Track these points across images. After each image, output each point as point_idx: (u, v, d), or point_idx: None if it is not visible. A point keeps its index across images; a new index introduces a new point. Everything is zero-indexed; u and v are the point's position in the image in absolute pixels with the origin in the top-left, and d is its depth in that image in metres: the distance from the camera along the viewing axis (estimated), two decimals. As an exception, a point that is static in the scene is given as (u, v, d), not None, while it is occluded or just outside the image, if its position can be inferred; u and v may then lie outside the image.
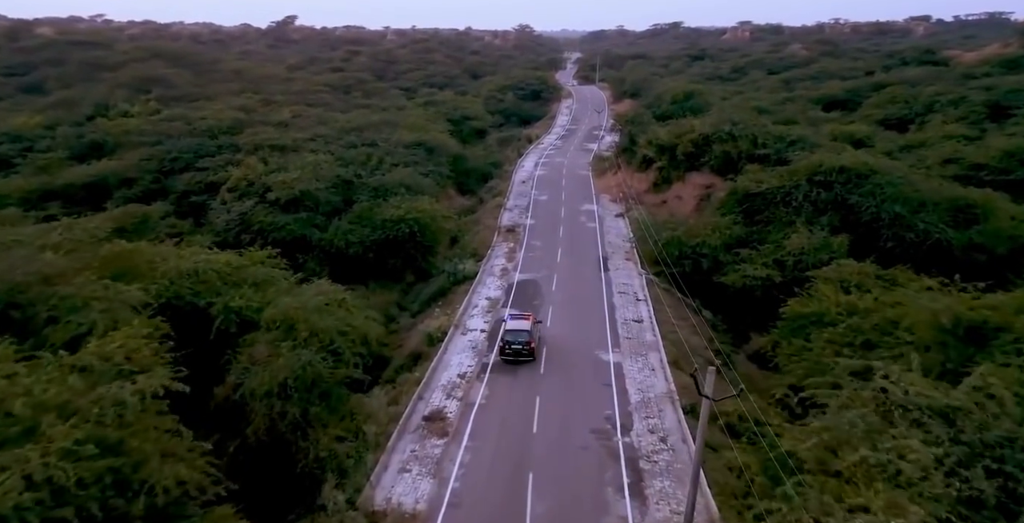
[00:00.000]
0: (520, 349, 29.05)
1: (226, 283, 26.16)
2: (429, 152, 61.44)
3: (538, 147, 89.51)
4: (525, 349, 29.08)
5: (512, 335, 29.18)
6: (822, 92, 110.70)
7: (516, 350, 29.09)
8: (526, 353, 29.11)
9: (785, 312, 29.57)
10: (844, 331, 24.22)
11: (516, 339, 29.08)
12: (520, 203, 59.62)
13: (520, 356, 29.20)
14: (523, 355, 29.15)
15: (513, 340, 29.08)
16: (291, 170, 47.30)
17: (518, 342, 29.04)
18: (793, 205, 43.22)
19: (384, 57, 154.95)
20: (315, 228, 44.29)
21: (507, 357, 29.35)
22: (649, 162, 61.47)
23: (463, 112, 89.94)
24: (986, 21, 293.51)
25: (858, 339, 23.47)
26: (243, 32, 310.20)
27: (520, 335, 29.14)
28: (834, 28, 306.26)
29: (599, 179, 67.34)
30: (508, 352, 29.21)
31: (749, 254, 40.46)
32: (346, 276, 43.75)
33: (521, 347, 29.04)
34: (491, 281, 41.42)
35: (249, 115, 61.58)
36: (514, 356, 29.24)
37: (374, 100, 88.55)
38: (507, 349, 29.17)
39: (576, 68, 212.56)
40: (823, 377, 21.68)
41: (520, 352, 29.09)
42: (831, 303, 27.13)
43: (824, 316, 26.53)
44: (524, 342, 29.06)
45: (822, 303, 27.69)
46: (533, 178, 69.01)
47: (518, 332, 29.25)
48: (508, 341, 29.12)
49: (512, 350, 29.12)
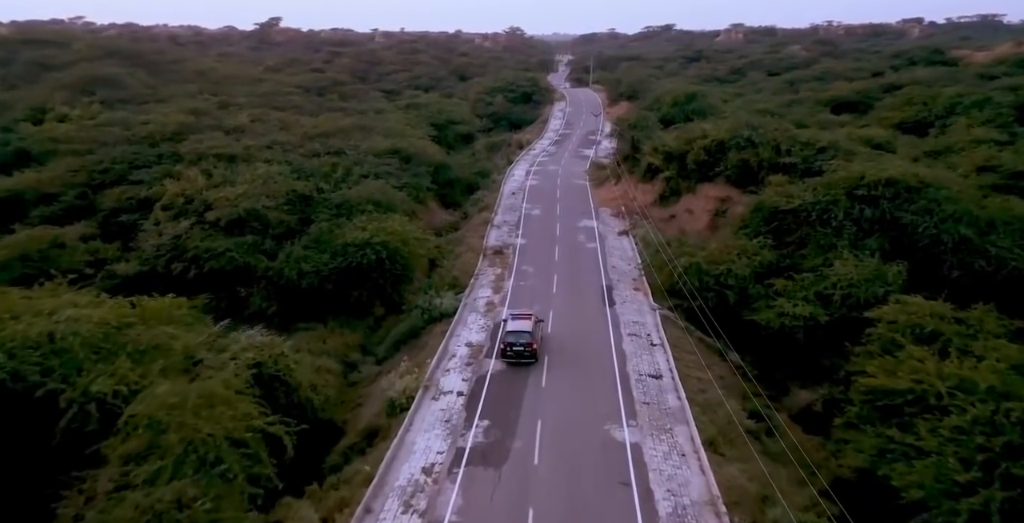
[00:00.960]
0: (522, 351, 28.39)
1: (97, 353, 18.81)
2: (406, 161, 54.25)
3: (530, 153, 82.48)
4: (527, 351, 28.38)
5: (513, 336, 28.48)
6: (830, 94, 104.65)
7: (518, 352, 28.42)
8: (528, 355, 28.42)
9: (861, 385, 22.38)
10: (968, 424, 17.03)
11: (518, 340, 28.36)
12: (509, 218, 52.48)
13: (522, 358, 28.47)
14: (525, 356, 28.44)
15: (515, 341, 28.37)
16: (238, 184, 39.98)
17: (519, 344, 28.36)
18: (833, 225, 36.30)
19: (368, 58, 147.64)
20: (262, 254, 36.95)
21: (508, 359, 28.64)
22: (655, 171, 54.54)
23: (448, 116, 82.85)
24: (978, 23, 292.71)
25: (997, 443, 16.34)
26: (226, 35, 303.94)
27: (521, 336, 28.44)
28: (828, 30, 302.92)
29: (598, 190, 60.31)
30: (510, 354, 28.52)
31: (784, 286, 33.46)
32: (300, 313, 36.50)
33: (523, 348, 28.37)
34: (474, 320, 34.18)
35: (200, 119, 54.21)
36: (516, 358, 28.54)
37: (351, 103, 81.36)
38: (508, 351, 28.49)
39: (568, 70, 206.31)
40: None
41: (522, 354, 28.42)
42: (930, 374, 20.03)
43: (927, 395, 19.40)
44: (526, 343, 28.36)
45: (914, 371, 20.54)
46: (524, 189, 61.93)
47: (519, 333, 28.55)
48: (509, 343, 28.44)
49: (514, 352, 28.45)
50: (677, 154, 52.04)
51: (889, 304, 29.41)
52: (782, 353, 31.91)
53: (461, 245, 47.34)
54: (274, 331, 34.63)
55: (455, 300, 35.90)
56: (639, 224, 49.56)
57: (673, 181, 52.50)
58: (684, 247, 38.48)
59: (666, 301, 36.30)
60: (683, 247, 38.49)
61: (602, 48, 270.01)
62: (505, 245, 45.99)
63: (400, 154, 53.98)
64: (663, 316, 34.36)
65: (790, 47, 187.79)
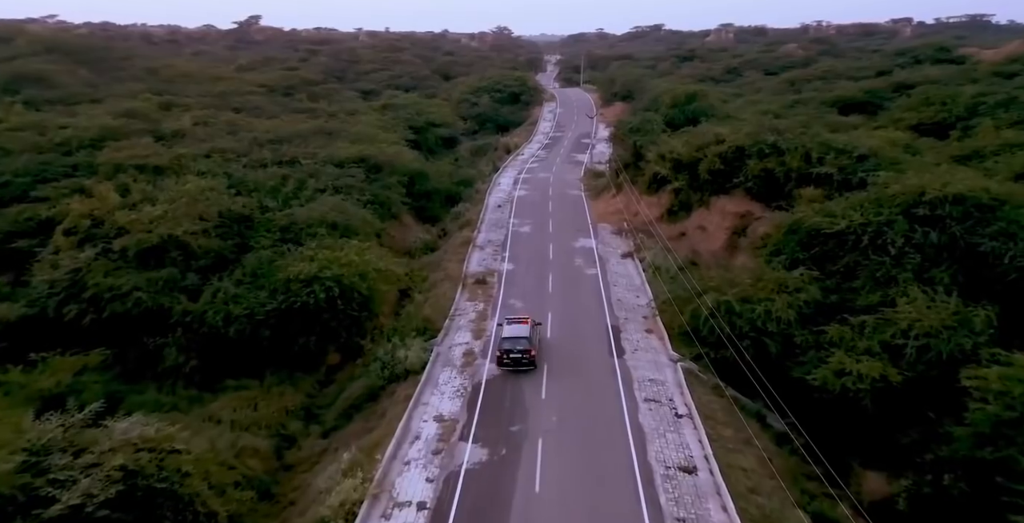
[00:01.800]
0: (520, 358, 26.65)
1: None
2: (375, 170, 46.87)
3: (518, 159, 75.32)
4: (525, 358, 26.67)
5: (510, 343, 26.76)
6: (836, 94, 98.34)
7: (515, 359, 26.66)
8: (526, 362, 26.73)
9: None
10: None
11: (515, 347, 26.65)
12: (495, 237, 45.26)
13: (520, 365, 26.70)
14: (523, 364, 26.72)
15: (511, 348, 26.67)
16: (160, 202, 32.47)
17: (517, 350, 26.61)
18: (890, 252, 29.40)
19: (346, 57, 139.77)
20: (182, 294, 29.43)
21: (506, 367, 26.85)
22: (661, 182, 47.48)
23: (428, 118, 75.51)
24: (968, 23, 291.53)
25: None
26: (205, 33, 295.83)
27: (519, 342, 26.72)
28: (818, 29, 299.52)
29: (596, 202, 53.20)
30: (507, 361, 26.75)
31: (840, 333, 26.51)
32: (230, 366, 29.04)
33: (521, 355, 26.63)
34: (447, 378, 26.92)
35: (130, 123, 46.52)
36: (513, 365, 26.75)
37: (321, 104, 73.80)
38: (505, 359, 26.72)
39: (558, 70, 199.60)
40: None
41: (520, 361, 26.69)
42: None
43: None
44: (523, 350, 26.63)
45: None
46: (512, 200, 54.71)
47: (516, 339, 26.80)
48: (506, 349, 26.73)
49: (511, 359, 26.70)
50: (687, 162, 45.04)
51: (985, 363, 22.60)
52: (843, 422, 24.93)
53: (438, 271, 40.05)
54: (191, 393, 27.26)
55: (424, 350, 28.60)
56: (645, 244, 42.56)
57: (683, 193, 45.51)
58: (708, 280, 31.32)
59: (687, 349, 29.25)
60: (707, 280, 31.33)
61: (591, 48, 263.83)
62: (489, 271, 38.76)
63: (367, 163, 46.59)
64: (686, 371, 27.27)
65: (785, 46, 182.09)
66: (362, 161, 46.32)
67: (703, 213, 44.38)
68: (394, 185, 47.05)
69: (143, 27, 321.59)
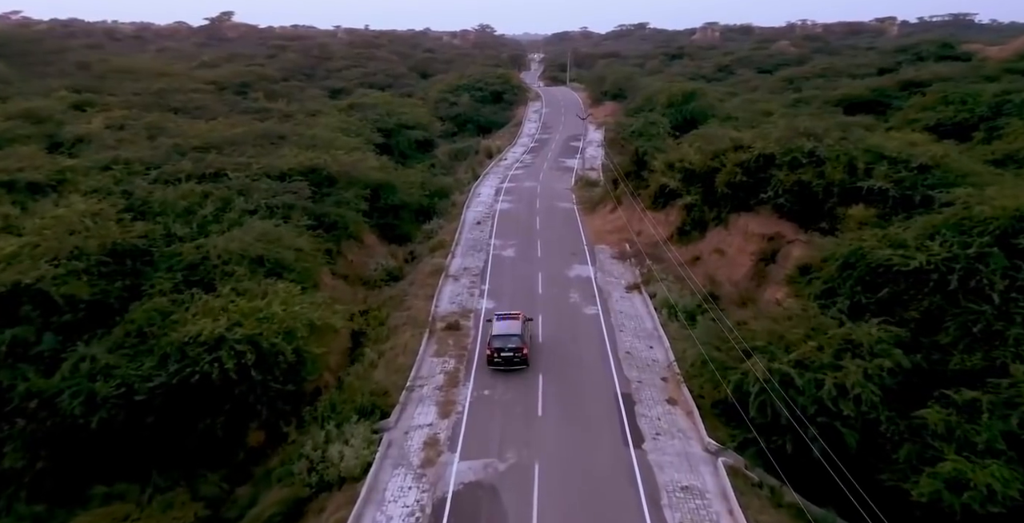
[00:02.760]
0: (511, 357, 24.99)
1: None
2: (327, 183, 38.88)
3: (501, 164, 67.68)
4: (517, 356, 25.02)
5: (501, 341, 25.12)
6: (841, 92, 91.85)
7: (507, 358, 24.98)
8: (518, 361, 25.07)
9: None
10: None
11: (506, 345, 24.99)
12: (472, 264, 37.55)
13: (512, 364, 25.06)
14: (515, 363, 25.06)
15: (503, 346, 25.00)
16: (26, 232, 24.32)
17: (508, 348, 24.95)
18: (992, 299, 22.13)
19: (317, 53, 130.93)
20: (33, 364, 21.32)
21: (497, 367, 25.12)
22: (670, 195, 39.99)
23: (401, 119, 67.46)
24: (951, 22, 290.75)
25: None
26: (175, 30, 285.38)
27: (510, 340, 25.07)
28: (804, 28, 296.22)
29: (591, 217, 45.66)
30: (497, 360, 25.07)
31: (943, 419, 19.16)
32: (100, 467, 21.02)
33: (512, 354, 24.95)
34: (399, 488, 19.11)
35: (21, 126, 38.07)
36: (505, 365, 25.07)
37: (280, 103, 65.53)
38: (496, 357, 25.06)
39: (542, 68, 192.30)
40: None
41: (511, 360, 25.03)
42: None
43: None
44: (515, 348, 24.95)
45: None
46: (493, 216, 46.99)
47: (508, 337, 25.17)
48: (497, 348, 25.05)
49: (502, 358, 25.01)
50: (701, 172, 37.63)
51: None
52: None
53: (400, 308, 32.20)
54: (38, 509, 19.20)
55: (370, 442, 20.79)
56: (654, 272, 35.07)
57: (696, 210, 38.08)
58: (754, 336, 23.70)
59: (723, 429, 21.77)
60: (754, 336, 23.68)
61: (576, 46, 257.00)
62: (463, 312, 31.04)
63: (319, 174, 38.57)
64: (731, 470, 19.73)
65: (778, 43, 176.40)
66: (312, 172, 38.28)
67: (721, 233, 37.04)
68: (353, 200, 39.10)
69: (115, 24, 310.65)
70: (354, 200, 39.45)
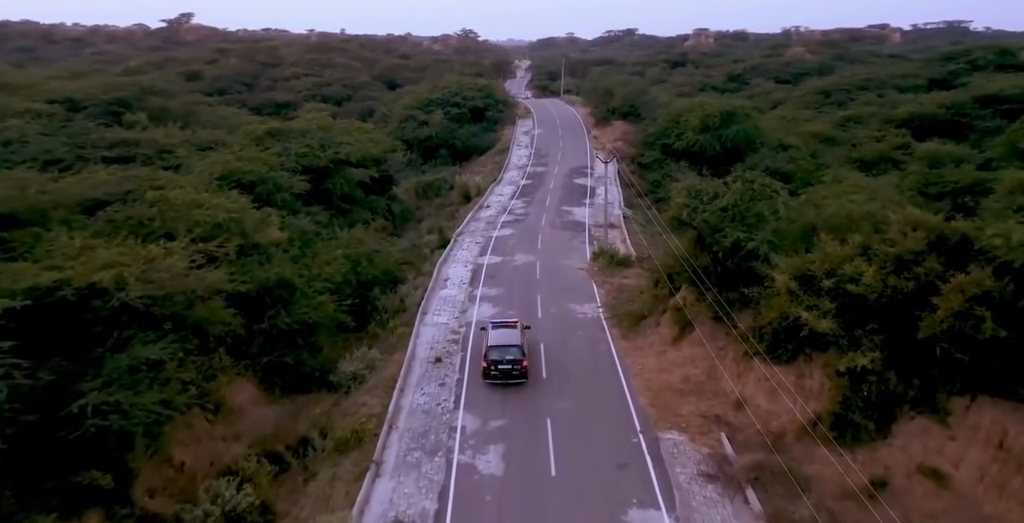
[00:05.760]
0: (509, 370, 22.94)
1: None
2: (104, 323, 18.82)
3: (481, 215, 48.21)
4: (516, 369, 22.97)
5: (498, 352, 23.00)
6: (905, 110, 74.15)
7: (505, 371, 22.95)
8: (517, 374, 23.06)
9: None
10: None
11: (504, 356, 22.91)
12: (417, 505, 17.87)
13: (510, 378, 23.05)
14: (513, 377, 23.04)
15: (500, 358, 22.91)
16: None
17: (506, 360, 22.88)
18: None
19: (265, 58, 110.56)
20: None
21: (494, 381, 23.17)
22: (808, 341, 20.45)
23: (340, 152, 47.41)
24: (946, 29, 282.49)
25: None
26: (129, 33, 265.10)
27: (508, 351, 22.98)
28: (801, 35, 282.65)
29: (634, 348, 25.92)
30: (494, 373, 23.06)
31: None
32: None
33: (511, 367, 22.90)
34: None
35: None
36: (503, 378, 23.03)
37: (167, 130, 45.45)
38: (493, 370, 23.03)
39: (529, 76, 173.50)
40: None
41: (509, 373, 23.01)
42: None
43: None
44: (514, 360, 22.89)
45: None
46: (463, 338, 27.34)
47: (506, 348, 23.01)
48: (494, 360, 22.96)
49: (500, 371, 22.97)
50: (882, 302, 18.38)
51: None
52: None
53: None
54: None
55: None
56: None
57: (875, 382, 18.64)
58: None
59: None
60: None
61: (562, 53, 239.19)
62: None
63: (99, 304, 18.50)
64: None
65: (791, 50, 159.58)
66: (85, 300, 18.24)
67: (932, 433, 17.83)
68: (168, 346, 19.17)
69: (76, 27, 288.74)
70: (168, 347, 19.42)
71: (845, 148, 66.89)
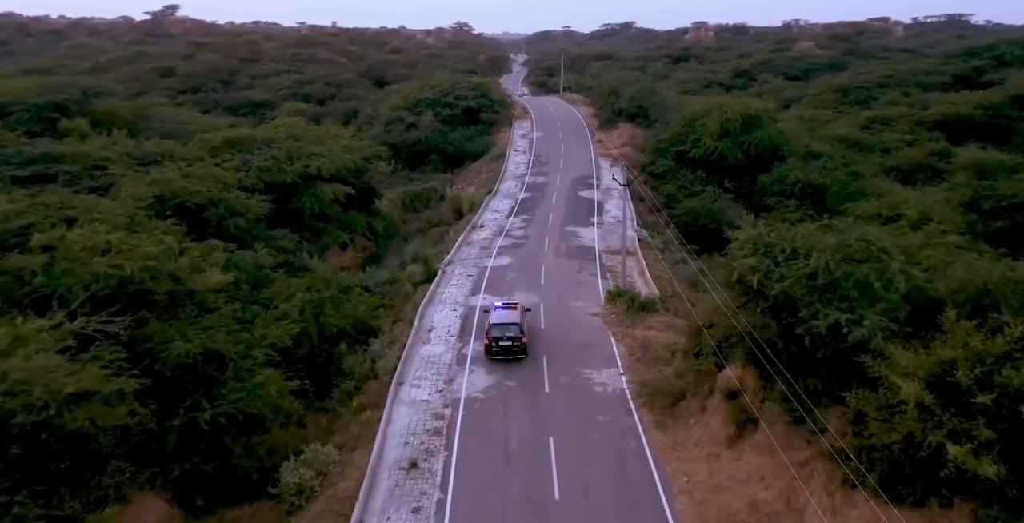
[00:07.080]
0: (510, 346, 24.67)
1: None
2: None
3: (473, 238, 41.70)
4: (515, 345, 24.70)
5: (499, 330, 24.77)
6: (939, 111, 67.93)
7: (505, 347, 24.67)
8: (517, 349, 24.75)
9: None
10: None
11: (504, 334, 24.67)
12: None
13: (510, 353, 24.75)
14: (513, 352, 24.75)
15: (501, 335, 24.69)
16: None
17: (507, 337, 24.64)
18: None
19: (244, 53, 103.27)
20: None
21: (496, 356, 24.84)
22: (957, 481, 14.23)
23: (312, 163, 40.80)
24: (947, 23, 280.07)
25: None
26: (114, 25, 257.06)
27: (509, 329, 24.75)
28: (803, 28, 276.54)
29: (674, 445, 19.55)
30: (496, 349, 24.78)
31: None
32: None
33: (511, 343, 24.66)
34: None
35: None
36: (503, 354, 24.76)
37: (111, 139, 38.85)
38: (494, 346, 24.77)
39: (526, 71, 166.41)
40: None
41: (510, 349, 24.72)
42: None
43: None
44: (513, 337, 24.65)
45: None
46: (449, 424, 20.95)
47: (507, 326, 24.83)
48: (495, 337, 24.73)
49: (501, 347, 24.70)
50: None
51: None
52: None
53: None
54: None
55: None
56: None
57: (992, 507, 12.42)
58: None
59: None
60: None
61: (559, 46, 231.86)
62: None
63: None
64: None
65: (800, 44, 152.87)
66: None
67: None
68: None
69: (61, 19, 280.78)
70: None
71: (876, 154, 60.78)
